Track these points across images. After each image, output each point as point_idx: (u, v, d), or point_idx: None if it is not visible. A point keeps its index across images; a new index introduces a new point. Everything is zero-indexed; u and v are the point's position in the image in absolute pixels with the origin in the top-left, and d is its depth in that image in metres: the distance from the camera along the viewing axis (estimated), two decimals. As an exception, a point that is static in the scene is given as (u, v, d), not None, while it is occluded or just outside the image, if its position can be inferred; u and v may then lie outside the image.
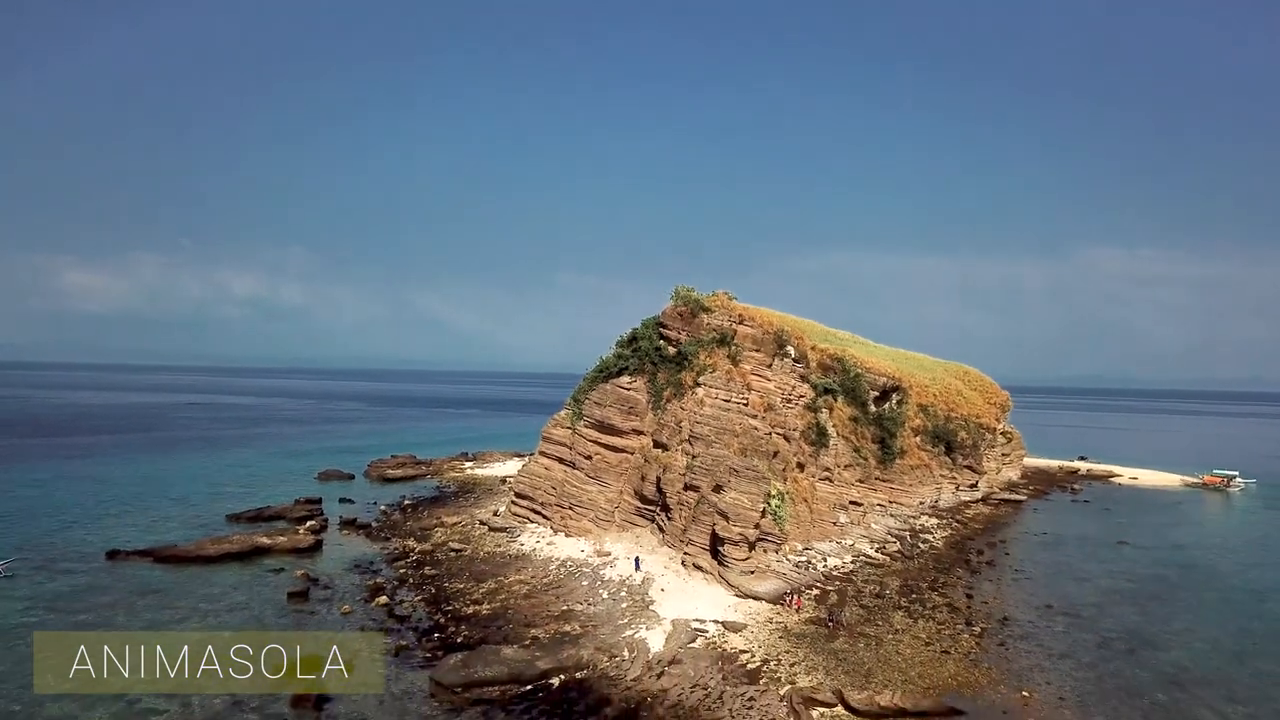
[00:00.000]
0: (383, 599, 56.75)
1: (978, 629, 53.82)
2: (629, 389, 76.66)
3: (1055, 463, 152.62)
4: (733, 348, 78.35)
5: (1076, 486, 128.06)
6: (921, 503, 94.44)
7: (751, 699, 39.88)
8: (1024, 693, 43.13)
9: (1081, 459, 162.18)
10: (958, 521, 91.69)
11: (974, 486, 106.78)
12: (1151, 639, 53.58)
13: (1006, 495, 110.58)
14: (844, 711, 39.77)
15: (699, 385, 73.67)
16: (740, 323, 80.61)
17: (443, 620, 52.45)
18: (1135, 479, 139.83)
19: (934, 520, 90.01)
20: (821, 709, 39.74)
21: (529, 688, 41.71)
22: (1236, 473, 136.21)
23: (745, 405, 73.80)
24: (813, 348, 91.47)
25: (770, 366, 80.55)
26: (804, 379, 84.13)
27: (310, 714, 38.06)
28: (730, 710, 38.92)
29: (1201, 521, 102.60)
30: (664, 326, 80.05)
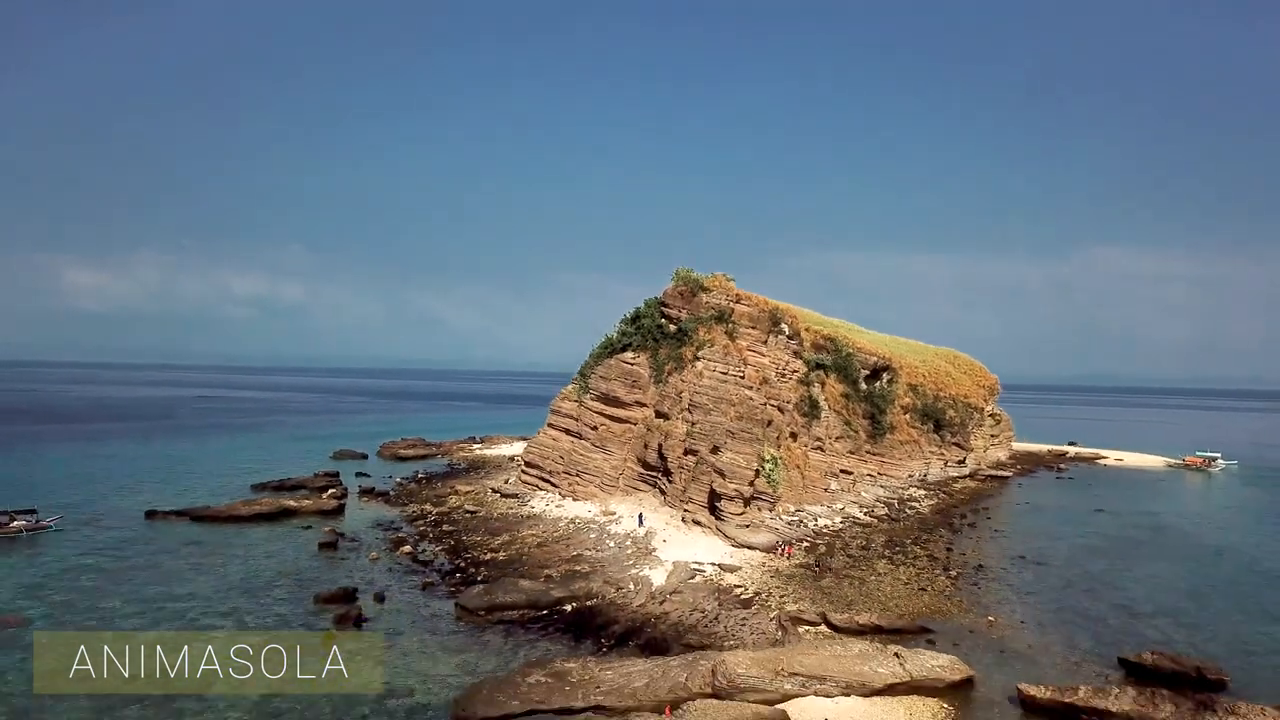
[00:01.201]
0: (406, 548, 61.60)
1: (954, 573, 58.69)
2: (633, 364, 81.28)
3: (1044, 447, 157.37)
4: (730, 325, 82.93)
5: (1062, 466, 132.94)
6: (910, 475, 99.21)
7: (744, 619, 44.68)
8: (989, 618, 47.99)
9: (1071, 444, 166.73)
10: (944, 493, 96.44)
11: (962, 463, 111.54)
12: (1112, 581, 58.46)
13: (993, 472, 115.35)
14: (827, 629, 44.56)
15: (698, 359, 78.27)
16: (737, 302, 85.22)
17: (463, 564, 57.31)
18: (1120, 460, 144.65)
19: (921, 491, 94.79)
20: (807, 626, 44.54)
21: (545, 612, 46.58)
22: (1218, 454, 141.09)
23: (742, 378, 78.41)
24: (806, 328, 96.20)
25: (765, 343, 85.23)
26: (797, 355, 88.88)
27: (348, 633, 43.34)
28: (725, 627, 43.71)
29: (1178, 495, 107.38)
30: (665, 305, 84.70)
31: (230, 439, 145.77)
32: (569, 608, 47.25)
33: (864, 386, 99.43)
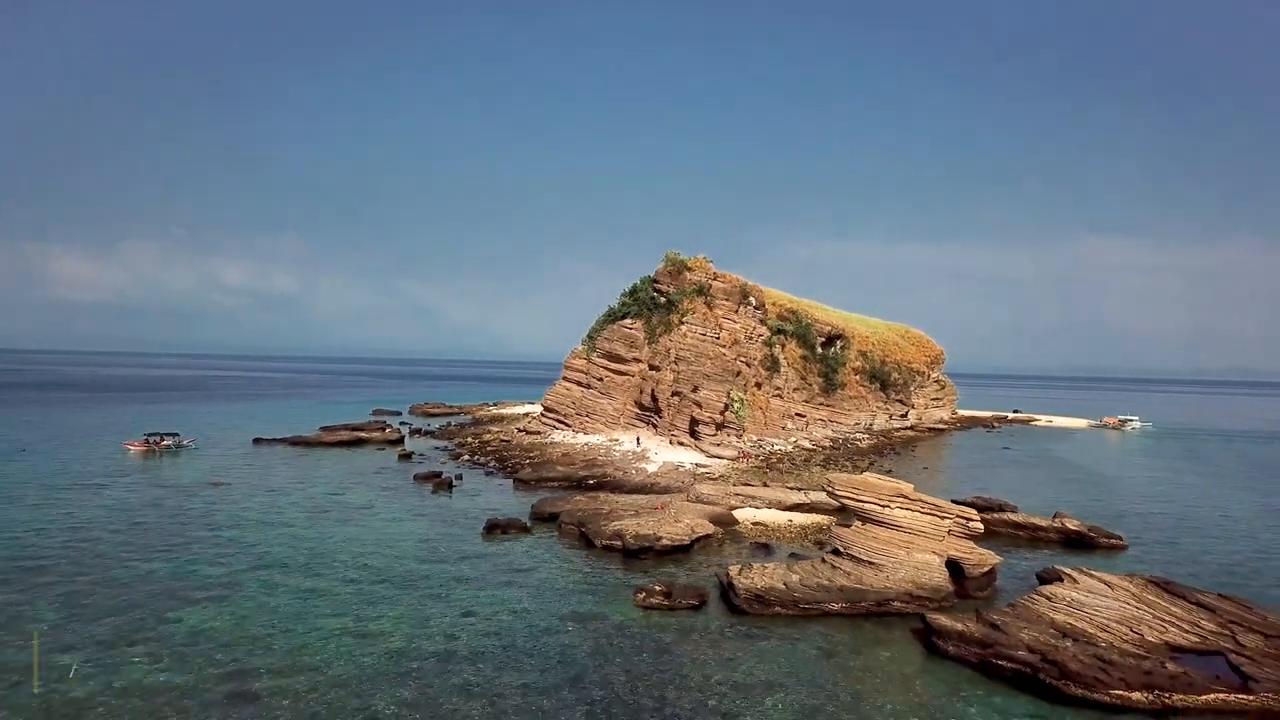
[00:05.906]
0: (465, 457, 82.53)
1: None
2: (630, 328, 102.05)
3: (988, 413, 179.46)
4: (708, 297, 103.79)
5: (997, 425, 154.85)
6: (857, 424, 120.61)
7: (711, 483, 65.82)
8: (881, 490, 69.20)
9: (1015, 410, 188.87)
10: (884, 438, 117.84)
11: (904, 417, 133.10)
12: (985, 479, 79.94)
13: (933, 426, 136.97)
14: (764, 489, 65.66)
15: (683, 324, 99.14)
16: (714, 279, 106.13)
17: (510, 465, 78.26)
18: (1051, 422, 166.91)
19: (865, 435, 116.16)
20: (753, 486, 65.68)
21: (575, 484, 67.70)
22: (1135, 417, 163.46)
23: (717, 339, 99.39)
24: (773, 303, 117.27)
25: (737, 312, 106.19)
26: (763, 322, 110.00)
27: (445, 494, 64.06)
28: (696, 483, 64.83)
29: (1082, 443, 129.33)
30: (657, 282, 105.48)
31: (275, 403, 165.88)
32: (592, 481, 68.38)
33: (820, 351, 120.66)
